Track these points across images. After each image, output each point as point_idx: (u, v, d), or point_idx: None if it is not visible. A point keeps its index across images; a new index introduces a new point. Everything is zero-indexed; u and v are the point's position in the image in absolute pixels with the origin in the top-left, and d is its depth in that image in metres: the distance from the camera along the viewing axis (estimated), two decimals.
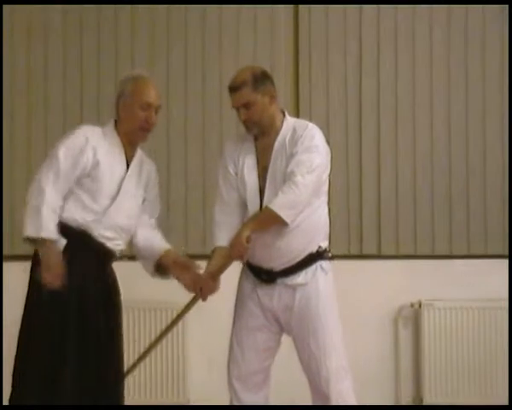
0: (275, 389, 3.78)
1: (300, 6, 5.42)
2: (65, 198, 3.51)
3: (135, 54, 5.30)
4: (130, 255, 3.82)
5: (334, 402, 3.55)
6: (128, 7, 5.34)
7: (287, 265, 3.58)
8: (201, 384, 5.22)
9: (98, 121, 3.95)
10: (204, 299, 3.66)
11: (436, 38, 5.47)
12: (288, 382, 4.35)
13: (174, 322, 3.88)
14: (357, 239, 5.39)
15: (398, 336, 5.34)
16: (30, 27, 5.33)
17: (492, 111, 5.47)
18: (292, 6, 5.42)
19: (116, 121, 3.67)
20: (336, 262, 3.74)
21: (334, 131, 5.34)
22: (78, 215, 3.52)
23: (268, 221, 3.49)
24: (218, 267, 3.59)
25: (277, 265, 3.59)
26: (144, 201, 3.74)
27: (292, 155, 3.51)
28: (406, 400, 5.33)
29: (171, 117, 5.35)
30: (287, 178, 3.48)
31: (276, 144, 3.58)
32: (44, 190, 3.44)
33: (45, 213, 3.41)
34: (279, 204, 3.44)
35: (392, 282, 5.32)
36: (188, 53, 5.39)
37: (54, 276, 3.44)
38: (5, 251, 5.06)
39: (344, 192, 5.38)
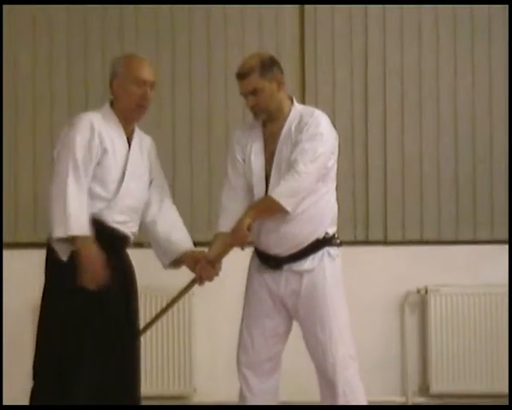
0: (282, 376, 3.78)
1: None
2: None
3: (140, 47, 5.27)
4: (136, 242, 3.81)
5: (340, 389, 3.56)
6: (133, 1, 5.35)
7: (293, 251, 3.59)
8: (207, 374, 5.23)
9: None
10: (201, 284, 3.67)
11: (442, 26, 5.43)
12: (295, 369, 4.35)
13: (170, 305, 3.82)
14: (363, 225, 5.38)
15: (404, 322, 5.33)
16: (35, 22, 5.32)
17: (499, 96, 5.43)
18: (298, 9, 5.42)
19: (111, 102, 3.65)
20: (342, 248, 3.75)
21: (340, 118, 5.31)
22: (89, 206, 3.44)
23: (269, 209, 3.50)
24: (218, 254, 3.60)
25: (283, 251, 3.59)
26: (152, 181, 3.71)
27: (296, 143, 3.51)
28: (412, 385, 5.33)
29: (176, 106, 5.36)
30: (290, 166, 3.48)
31: (283, 131, 3.59)
32: (68, 185, 3.34)
33: (72, 210, 3.31)
34: (280, 192, 3.46)
35: (398, 268, 5.31)
36: (192, 45, 5.37)
37: (93, 275, 3.36)
38: (9, 239, 5.09)
39: (350, 178, 5.36)
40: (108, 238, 3.51)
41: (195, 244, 3.80)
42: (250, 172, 3.63)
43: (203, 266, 3.62)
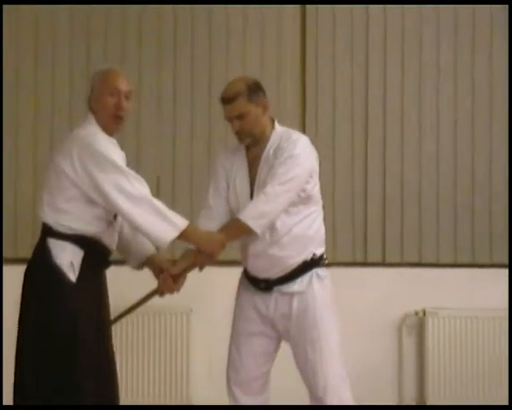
0: (273, 394, 3.79)
1: (308, 8, 5.41)
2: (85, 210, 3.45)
3: (142, 57, 5.32)
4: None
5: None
6: (136, 11, 5.35)
7: (281, 273, 3.59)
8: (203, 386, 5.23)
9: None
10: (161, 295, 3.68)
11: (443, 42, 5.47)
12: (285, 387, 4.34)
13: (127, 312, 3.78)
14: (361, 247, 5.38)
15: (402, 344, 5.33)
16: (37, 29, 5.34)
17: (499, 118, 5.45)
18: (299, 9, 5.42)
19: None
20: (341, 270, 3.77)
21: (340, 137, 5.38)
22: (93, 226, 3.44)
23: (238, 231, 3.53)
24: (182, 269, 3.62)
25: (272, 274, 3.61)
26: None
27: (272, 167, 3.52)
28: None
29: (177, 120, 5.37)
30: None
31: (264, 155, 3.60)
32: (138, 195, 3.36)
33: (167, 211, 3.40)
34: (247, 214, 3.48)
35: (396, 290, 5.31)
36: (194, 57, 5.39)
37: (213, 254, 3.53)
38: (9, 254, 5.08)
39: (349, 199, 5.38)
40: (106, 258, 3.54)
41: None
42: (235, 196, 3.64)
43: (165, 278, 3.64)
